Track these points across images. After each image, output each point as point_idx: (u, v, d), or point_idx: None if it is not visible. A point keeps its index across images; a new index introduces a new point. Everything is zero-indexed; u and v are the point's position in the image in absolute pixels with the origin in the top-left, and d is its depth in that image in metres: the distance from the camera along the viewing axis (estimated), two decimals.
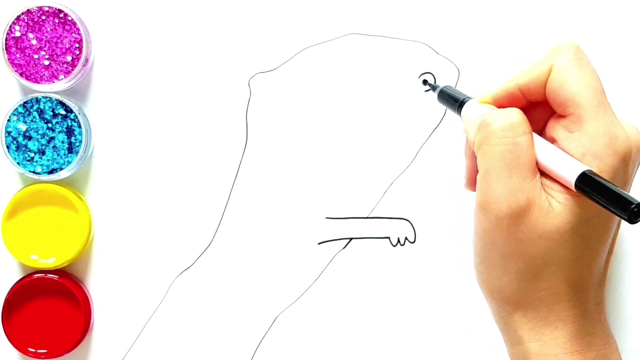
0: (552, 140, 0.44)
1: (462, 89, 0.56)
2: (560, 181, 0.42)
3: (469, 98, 0.48)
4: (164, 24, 0.55)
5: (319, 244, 0.56)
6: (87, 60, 0.54)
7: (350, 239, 0.56)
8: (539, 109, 0.45)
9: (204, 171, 0.55)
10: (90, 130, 0.55)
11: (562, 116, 0.43)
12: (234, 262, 0.56)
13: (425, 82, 0.55)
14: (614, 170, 0.42)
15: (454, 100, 0.49)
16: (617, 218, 0.44)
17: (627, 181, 0.43)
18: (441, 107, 0.56)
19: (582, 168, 0.41)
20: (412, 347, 0.56)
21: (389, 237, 0.56)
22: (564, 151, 0.42)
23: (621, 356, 0.46)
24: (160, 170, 0.55)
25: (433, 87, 0.53)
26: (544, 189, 0.43)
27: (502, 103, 0.46)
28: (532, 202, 0.42)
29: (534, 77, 0.44)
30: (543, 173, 0.43)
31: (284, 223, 0.56)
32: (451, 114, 0.56)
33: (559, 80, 0.43)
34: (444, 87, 0.51)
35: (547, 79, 0.44)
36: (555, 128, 0.44)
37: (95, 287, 0.56)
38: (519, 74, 0.45)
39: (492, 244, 0.44)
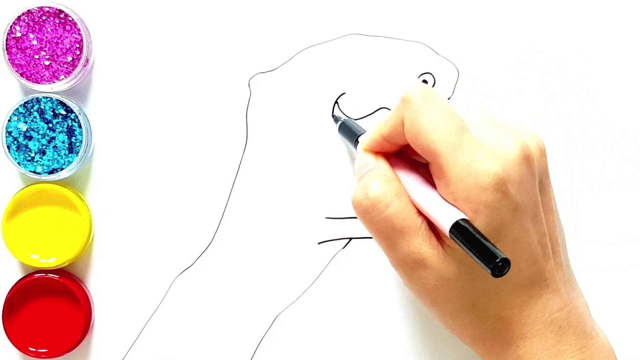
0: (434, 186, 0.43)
1: (461, 89, 0.56)
2: (441, 229, 0.41)
3: (363, 133, 0.49)
4: (164, 24, 0.55)
5: (319, 244, 0.56)
6: (87, 60, 0.54)
7: (350, 238, 0.56)
8: None
9: (204, 171, 0.56)
10: (91, 130, 0.55)
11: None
12: (234, 262, 0.56)
13: (332, 115, 0.55)
14: (490, 206, 0.40)
15: (352, 136, 0.50)
16: None
17: (515, 204, 0.41)
18: None
19: (454, 218, 0.40)
20: (412, 347, 0.56)
21: None
22: (441, 197, 0.42)
23: (609, 353, 0.46)
24: (160, 170, 0.56)
25: (336, 119, 0.54)
26: (435, 235, 0.42)
27: (377, 150, 0.46)
28: (425, 255, 0.42)
29: (393, 130, 0.44)
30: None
31: (284, 223, 0.56)
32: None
33: (411, 134, 0.42)
34: (345, 120, 0.52)
35: (403, 130, 0.43)
36: (431, 173, 0.43)
37: (96, 286, 0.56)
38: (382, 123, 0.45)
39: (417, 295, 0.45)
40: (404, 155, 0.46)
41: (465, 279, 0.42)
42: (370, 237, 0.56)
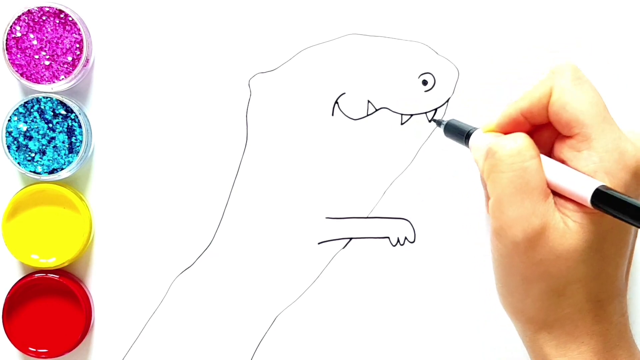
0: (562, 162, 0.44)
1: (461, 89, 0.56)
2: (575, 199, 0.42)
3: (475, 129, 0.48)
4: (164, 24, 0.55)
5: (319, 244, 0.56)
6: (87, 60, 0.54)
7: (350, 238, 0.56)
8: (545, 132, 0.45)
9: (204, 171, 0.56)
10: (91, 130, 0.55)
11: (567, 137, 0.43)
12: (234, 262, 0.56)
13: (433, 120, 0.55)
14: (627, 185, 0.42)
15: (460, 133, 0.49)
16: (633, 229, 0.44)
17: (639, 195, 0.43)
18: (441, 108, 0.56)
19: (596, 184, 0.41)
20: (412, 346, 0.56)
21: (388, 237, 0.56)
22: (576, 170, 0.42)
23: None
24: (160, 170, 0.56)
25: (438, 123, 0.53)
26: (559, 209, 0.43)
27: (506, 130, 0.46)
28: (547, 224, 0.42)
29: (535, 101, 0.44)
30: (556, 193, 0.43)
31: (284, 223, 0.56)
32: (451, 114, 0.56)
33: (560, 102, 0.43)
34: (450, 120, 0.51)
35: (548, 102, 0.44)
36: (563, 149, 0.44)
37: (96, 286, 0.56)
38: (519, 99, 0.45)
39: (511, 268, 0.44)
40: None
41: (574, 259, 0.42)
42: (370, 238, 0.56)
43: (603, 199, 0.40)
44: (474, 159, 0.46)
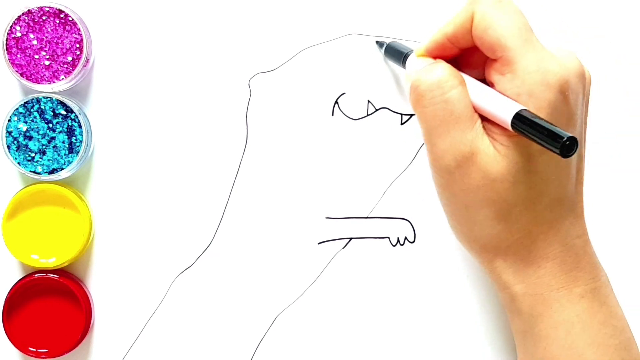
0: (491, 85, 0.44)
1: None
2: (499, 123, 0.42)
3: (412, 51, 0.48)
4: (164, 24, 0.55)
5: (319, 244, 0.56)
6: (87, 60, 0.54)
7: (350, 238, 0.56)
8: (476, 53, 0.45)
9: (204, 171, 0.56)
10: (91, 130, 0.55)
11: (494, 60, 0.43)
12: (234, 262, 0.56)
13: (376, 42, 0.55)
14: (552, 105, 0.41)
15: (398, 54, 0.49)
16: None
17: (572, 113, 0.43)
18: None
19: (516, 108, 0.41)
20: (412, 346, 0.56)
21: (388, 237, 0.56)
22: (501, 94, 0.42)
23: (613, 290, 0.46)
24: (160, 170, 0.56)
25: (380, 45, 0.52)
26: (488, 134, 0.43)
27: (435, 54, 0.46)
28: (476, 149, 0.42)
29: (458, 26, 0.44)
30: (485, 118, 0.43)
31: (284, 223, 0.56)
32: None
33: (482, 26, 0.43)
34: (391, 42, 0.51)
35: (471, 26, 0.44)
36: (491, 72, 0.44)
37: (96, 286, 0.56)
38: (445, 25, 0.45)
39: (453, 198, 0.45)
40: (456, 65, 0.46)
41: (509, 181, 0.43)
42: (370, 238, 0.56)
43: (521, 122, 0.40)
44: (405, 87, 0.47)
